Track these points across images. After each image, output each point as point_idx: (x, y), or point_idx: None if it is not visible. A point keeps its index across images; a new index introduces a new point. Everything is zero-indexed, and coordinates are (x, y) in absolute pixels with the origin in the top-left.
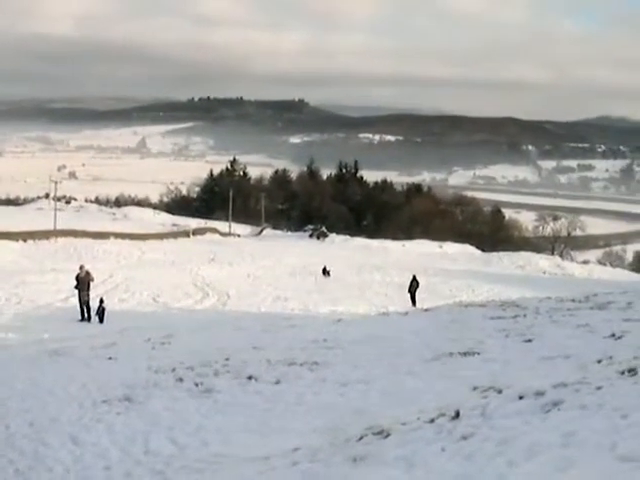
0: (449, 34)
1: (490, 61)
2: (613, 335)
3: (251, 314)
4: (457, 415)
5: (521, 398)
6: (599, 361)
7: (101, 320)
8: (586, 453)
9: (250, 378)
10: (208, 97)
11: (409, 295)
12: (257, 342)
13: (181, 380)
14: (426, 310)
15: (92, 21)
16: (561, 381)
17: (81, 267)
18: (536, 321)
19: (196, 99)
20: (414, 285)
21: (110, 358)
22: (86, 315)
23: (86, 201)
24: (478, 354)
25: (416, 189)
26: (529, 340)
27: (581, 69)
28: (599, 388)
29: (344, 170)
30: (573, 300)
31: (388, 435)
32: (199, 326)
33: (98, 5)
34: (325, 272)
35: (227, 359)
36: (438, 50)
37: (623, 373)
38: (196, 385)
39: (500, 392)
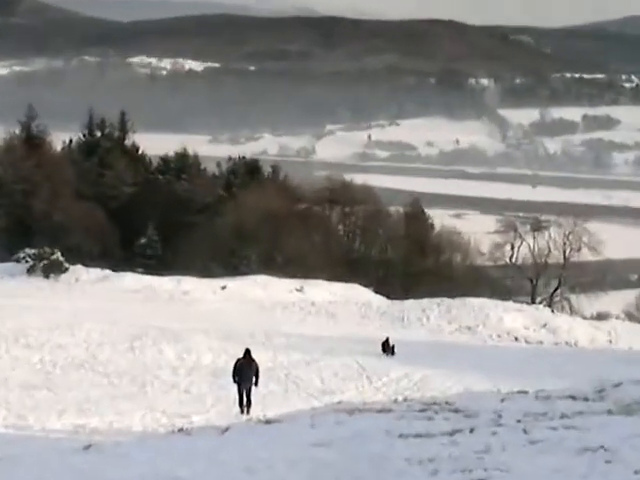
0: None
1: None
2: None
3: None
4: None
5: None
6: None
7: None
8: None
9: None
10: None
11: (237, 389)
12: None
13: None
14: (268, 422)
15: None
16: None
17: None
18: (495, 441)
19: None
20: (245, 368)
21: None
22: None
23: None
24: None
25: (248, 169)
26: None
27: None
28: None
29: (99, 132)
30: (573, 396)
31: None
32: None
33: None
34: (387, 348)
35: None
36: None
37: None
38: None
39: None
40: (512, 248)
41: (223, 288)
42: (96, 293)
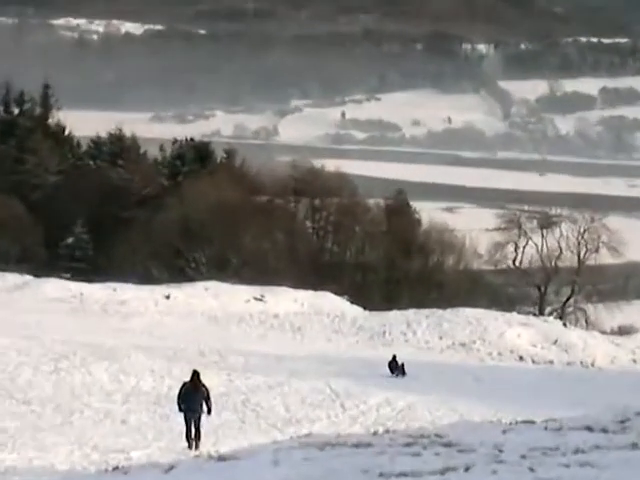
0: None
1: None
2: None
3: None
4: None
5: None
6: None
7: None
8: None
9: None
10: None
11: (183, 418)
12: None
13: None
14: (221, 459)
15: None
16: None
17: None
18: None
19: None
20: (193, 394)
21: None
22: None
23: None
24: None
25: (197, 154)
26: None
27: None
28: None
29: (17, 109)
30: (589, 427)
31: None
32: None
33: None
34: (395, 368)
35: None
36: None
37: None
38: None
39: None
40: (516, 249)
41: (167, 297)
42: (14, 302)
